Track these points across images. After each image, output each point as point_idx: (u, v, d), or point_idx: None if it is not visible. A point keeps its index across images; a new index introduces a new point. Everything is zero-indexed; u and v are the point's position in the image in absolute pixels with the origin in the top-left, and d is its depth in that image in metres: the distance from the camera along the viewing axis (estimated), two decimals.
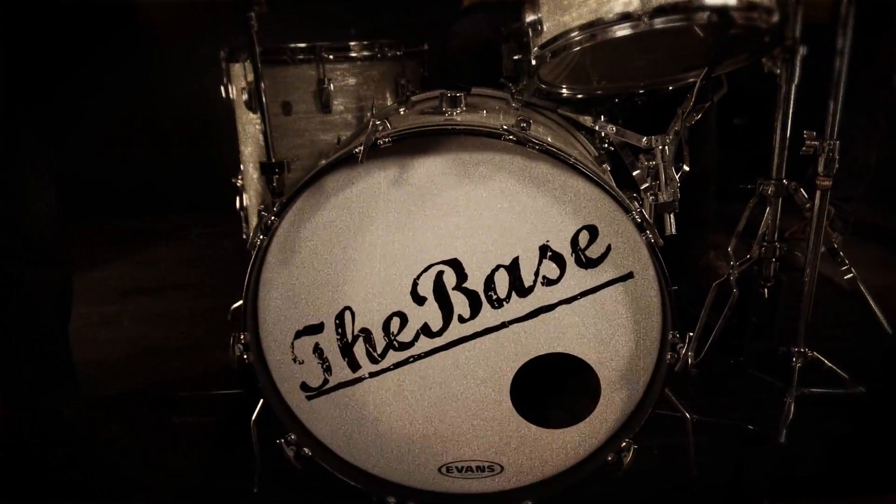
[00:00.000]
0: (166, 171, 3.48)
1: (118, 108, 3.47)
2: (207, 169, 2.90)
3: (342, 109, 1.89)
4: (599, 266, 1.34)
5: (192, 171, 3.34)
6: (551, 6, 1.40)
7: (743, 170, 2.61)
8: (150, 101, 3.43)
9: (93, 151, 3.55)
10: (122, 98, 3.44)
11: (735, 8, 1.31)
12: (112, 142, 3.52)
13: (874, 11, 2.13)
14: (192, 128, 3.33)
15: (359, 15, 3.03)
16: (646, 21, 1.28)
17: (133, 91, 3.42)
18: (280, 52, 1.87)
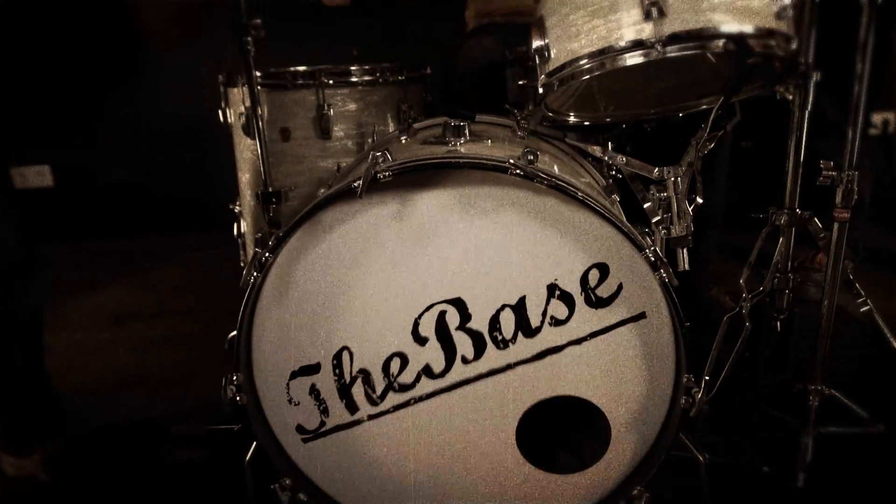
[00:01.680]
0: (165, 191, 3.43)
1: (117, 126, 3.43)
2: (207, 189, 2.86)
3: (342, 135, 1.84)
4: (610, 306, 1.28)
5: (192, 192, 3.29)
6: (559, 32, 1.34)
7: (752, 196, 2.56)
8: (150, 120, 3.40)
9: (90, 170, 3.51)
10: (120, 117, 3.41)
11: (752, 35, 1.25)
12: (110, 161, 3.48)
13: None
14: (191, 148, 3.28)
15: (361, 36, 2.99)
16: (659, 49, 1.22)
17: (132, 110, 3.39)
18: (279, 77, 1.82)
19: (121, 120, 3.38)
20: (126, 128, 3.39)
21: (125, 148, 3.43)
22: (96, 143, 3.43)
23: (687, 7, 1.22)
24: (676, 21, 1.22)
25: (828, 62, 1.66)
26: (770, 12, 1.28)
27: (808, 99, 1.76)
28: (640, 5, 1.23)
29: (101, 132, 3.41)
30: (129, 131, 3.40)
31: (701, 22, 1.22)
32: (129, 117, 3.38)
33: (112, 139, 3.41)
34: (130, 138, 3.40)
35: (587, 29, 1.28)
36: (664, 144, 1.85)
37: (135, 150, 3.42)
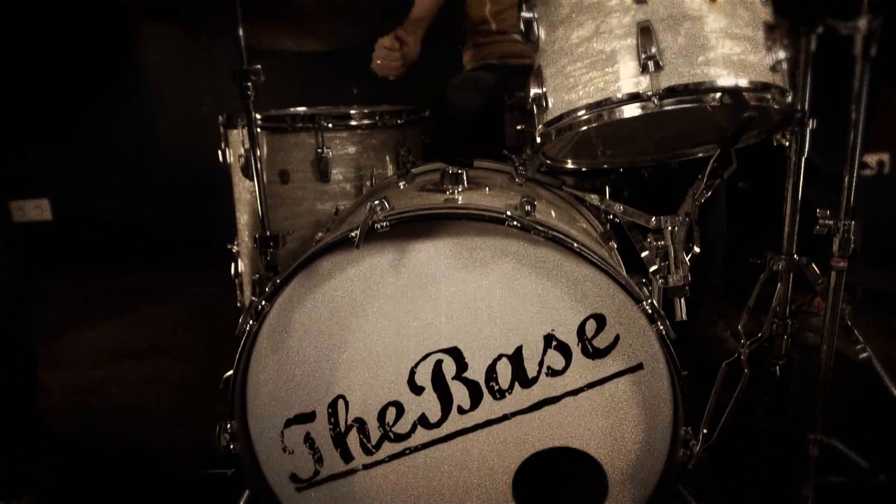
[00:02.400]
0: (163, 228, 3.43)
1: (116, 162, 3.44)
2: (205, 226, 2.86)
3: (341, 178, 1.84)
4: (607, 357, 1.28)
5: (190, 229, 3.29)
6: (557, 83, 1.35)
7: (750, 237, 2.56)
8: (149, 156, 3.41)
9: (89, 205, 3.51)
10: (120, 152, 3.43)
11: (748, 89, 1.26)
12: (109, 196, 3.48)
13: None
14: (190, 185, 3.29)
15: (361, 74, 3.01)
16: (655, 102, 1.23)
17: (132, 146, 3.40)
18: (278, 120, 1.83)
19: (120, 156, 3.40)
20: (125, 164, 3.41)
21: (124, 184, 3.44)
22: (96, 178, 3.44)
23: (683, 61, 1.24)
24: (673, 74, 1.24)
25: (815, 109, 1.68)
26: (765, 66, 1.29)
27: (804, 145, 1.78)
28: (636, 58, 1.24)
29: (100, 167, 3.42)
30: (128, 167, 3.41)
31: (697, 76, 1.24)
32: (129, 153, 3.39)
33: (111, 175, 3.42)
34: (130, 174, 3.42)
35: (585, 80, 1.29)
36: (661, 190, 1.86)
37: (134, 186, 3.43)
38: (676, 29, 1.24)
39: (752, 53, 1.27)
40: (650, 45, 1.23)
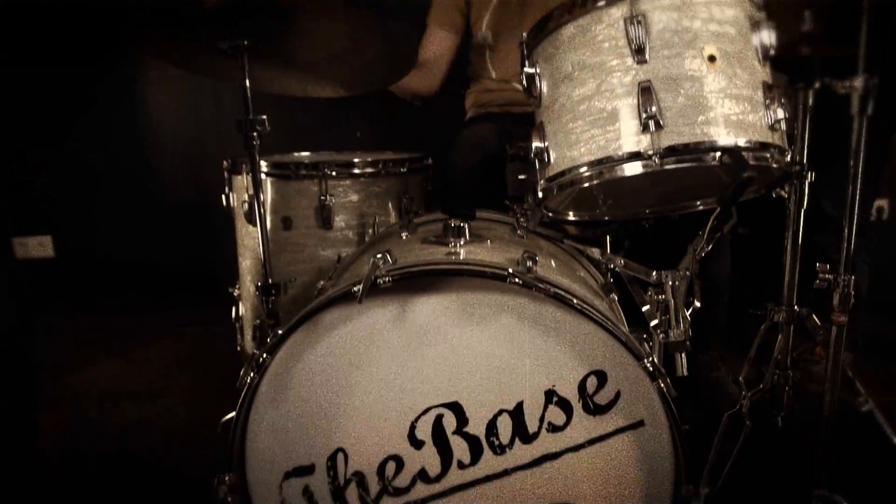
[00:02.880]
0: (165, 267, 3.43)
1: (120, 200, 3.46)
2: (207, 266, 2.87)
3: (343, 226, 1.86)
4: (608, 413, 1.27)
5: (192, 268, 3.30)
6: (559, 139, 1.37)
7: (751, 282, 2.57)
8: (153, 195, 3.43)
9: (92, 243, 3.53)
10: (124, 191, 3.45)
11: (747, 149, 1.28)
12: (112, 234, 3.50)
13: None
14: (193, 224, 3.30)
15: (364, 119, 3.06)
16: (656, 161, 1.24)
17: (135, 184, 3.43)
18: (283, 167, 1.85)
19: (124, 193, 3.42)
20: (129, 202, 3.43)
21: (127, 222, 3.45)
22: (98, 216, 3.46)
23: (683, 120, 1.26)
24: (673, 134, 1.25)
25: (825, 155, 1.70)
26: (764, 125, 1.31)
27: (803, 197, 1.80)
28: (637, 117, 1.26)
29: (103, 205, 3.44)
30: (131, 205, 3.43)
31: (697, 135, 1.25)
32: (133, 191, 3.42)
33: (114, 212, 3.44)
34: (133, 212, 3.44)
35: (586, 138, 1.31)
36: (662, 240, 1.88)
37: (137, 224, 3.45)
38: (676, 89, 1.26)
39: (750, 113, 1.29)
40: (651, 104, 1.25)
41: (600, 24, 1.31)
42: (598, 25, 1.31)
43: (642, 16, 1.27)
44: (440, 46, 2.42)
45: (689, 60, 1.27)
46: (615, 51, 1.29)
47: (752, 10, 1.35)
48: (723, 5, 1.31)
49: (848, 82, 1.48)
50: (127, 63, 3.26)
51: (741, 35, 1.32)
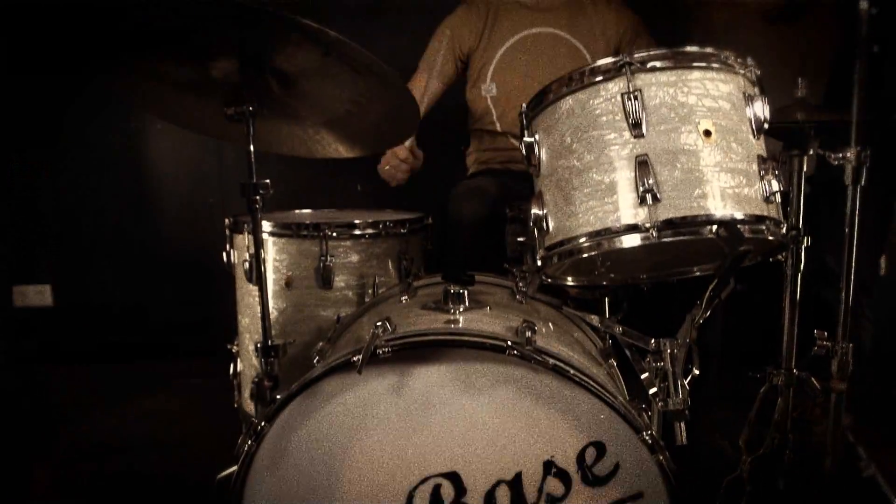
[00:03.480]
0: (165, 318, 3.43)
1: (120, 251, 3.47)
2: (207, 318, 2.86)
3: (343, 286, 1.87)
4: (607, 485, 1.27)
5: (192, 319, 3.29)
6: (558, 209, 1.39)
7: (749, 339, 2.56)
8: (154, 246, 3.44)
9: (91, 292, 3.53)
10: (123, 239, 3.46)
11: (743, 222, 1.30)
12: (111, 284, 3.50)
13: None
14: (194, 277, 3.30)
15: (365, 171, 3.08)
16: (654, 235, 1.26)
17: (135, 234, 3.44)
18: (285, 228, 1.87)
19: (124, 243, 3.44)
20: (129, 252, 3.44)
21: (127, 272, 3.46)
22: (98, 265, 3.47)
23: (680, 194, 1.28)
24: (670, 207, 1.27)
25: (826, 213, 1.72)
26: (759, 198, 1.33)
27: (800, 261, 1.82)
28: (635, 190, 1.28)
29: (103, 255, 3.45)
30: (131, 255, 3.44)
31: (694, 209, 1.27)
32: (133, 241, 3.43)
33: (114, 262, 3.45)
34: (133, 263, 3.44)
35: (584, 209, 1.33)
36: (660, 302, 1.89)
37: (137, 274, 3.46)
38: (673, 163, 1.28)
39: (746, 186, 1.32)
40: (648, 178, 1.27)
41: (598, 98, 1.34)
42: (595, 99, 1.34)
43: (639, 91, 1.30)
44: (431, 93, 2.44)
45: (685, 135, 1.29)
46: (613, 124, 1.32)
47: (745, 85, 1.39)
48: (717, 81, 1.34)
49: (841, 153, 1.51)
50: (131, 116, 3.31)
51: (735, 109, 1.35)
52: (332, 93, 1.61)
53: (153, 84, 1.66)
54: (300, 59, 1.50)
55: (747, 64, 1.38)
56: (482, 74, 2.43)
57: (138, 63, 1.57)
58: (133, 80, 1.67)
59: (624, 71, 1.31)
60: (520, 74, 2.39)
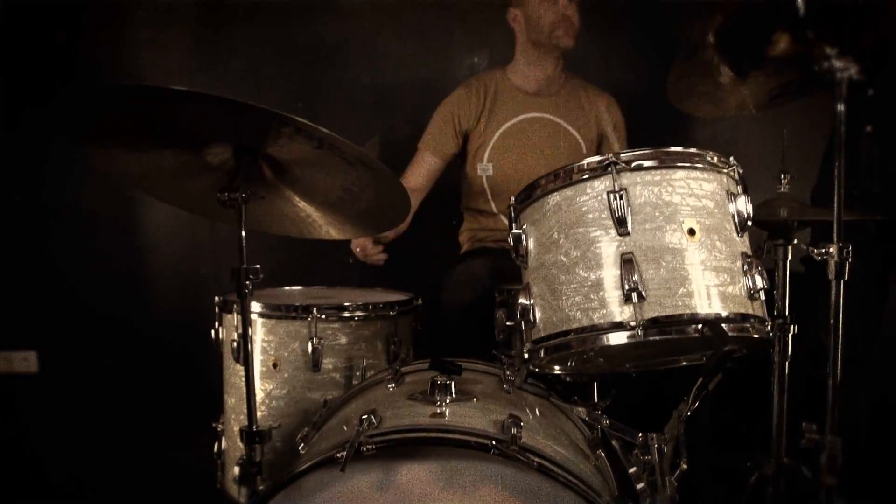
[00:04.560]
0: (150, 387, 3.38)
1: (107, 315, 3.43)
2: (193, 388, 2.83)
3: (331, 368, 1.86)
4: None
5: (178, 388, 3.24)
6: (545, 303, 1.40)
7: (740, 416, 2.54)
8: (142, 313, 3.41)
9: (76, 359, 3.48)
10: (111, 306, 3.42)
11: (728, 320, 1.31)
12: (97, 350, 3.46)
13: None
14: (182, 345, 3.26)
15: None
16: (639, 333, 1.27)
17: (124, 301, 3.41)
18: (274, 309, 1.87)
19: (113, 312, 3.40)
20: (117, 319, 3.41)
21: (114, 340, 3.42)
22: (85, 332, 3.43)
23: (665, 292, 1.29)
24: (656, 305, 1.29)
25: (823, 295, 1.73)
26: (743, 296, 1.35)
27: (787, 349, 1.82)
28: (620, 288, 1.30)
29: (91, 322, 3.42)
30: (119, 323, 3.41)
31: (679, 307, 1.29)
32: (122, 308, 3.40)
33: (102, 330, 3.41)
34: (121, 330, 3.41)
35: (571, 304, 1.34)
36: (649, 387, 1.89)
37: (124, 342, 3.42)
38: (658, 261, 1.30)
39: (730, 285, 1.33)
40: (633, 276, 1.29)
41: (584, 195, 1.37)
42: (582, 196, 1.37)
43: (624, 190, 1.33)
44: (430, 172, 2.51)
45: (670, 234, 1.32)
46: (599, 222, 1.34)
47: (729, 183, 1.42)
48: (701, 180, 1.37)
49: (824, 249, 1.54)
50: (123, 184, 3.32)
51: (719, 208, 1.38)
52: (324, 180, 1.64)
53: (146, 167, 1.69)
54: (293, 150, 1.53)
55: (730, 163, 1.42)
56: (479, 154, 2.49)
57: (132, 148, 1.60)
58: (126, 164, 1.70)
59: (610, 170, 1.34)
60: (516, 156, 2.45)
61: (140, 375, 3.41)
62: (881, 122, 2.02)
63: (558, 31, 2.37)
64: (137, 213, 3.43)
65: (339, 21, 2.99)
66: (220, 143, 1.58)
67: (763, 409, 1.92)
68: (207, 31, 3.07)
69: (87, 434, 3.31)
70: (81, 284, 3.41)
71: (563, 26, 2.36)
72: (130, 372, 3.43)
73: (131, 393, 3.41)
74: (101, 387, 3.43)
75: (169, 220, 3.43)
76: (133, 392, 3.40)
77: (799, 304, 1.86)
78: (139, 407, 3.36)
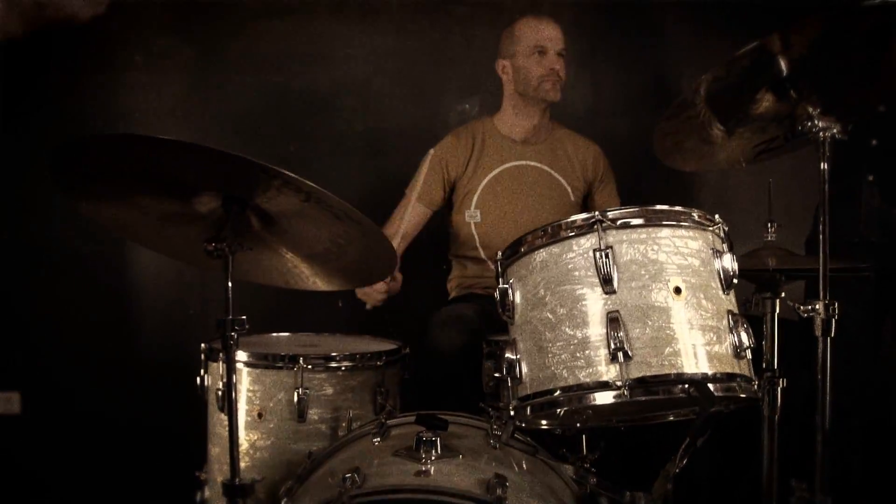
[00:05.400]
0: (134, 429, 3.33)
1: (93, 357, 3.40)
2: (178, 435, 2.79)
3: (317, 419, 1.84)
4: None
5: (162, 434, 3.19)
6: (531, 359, 1.40)
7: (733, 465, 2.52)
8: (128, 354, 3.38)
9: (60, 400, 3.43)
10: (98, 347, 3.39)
11: (714, 380, 1.31)
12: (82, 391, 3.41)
13: None
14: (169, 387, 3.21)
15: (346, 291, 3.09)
16: (626, 393, 1.27)
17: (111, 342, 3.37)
18: (260, 358, 1.86)
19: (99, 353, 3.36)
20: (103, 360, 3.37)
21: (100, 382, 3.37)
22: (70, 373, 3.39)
23: (651, 351, 1.29)
24: (642, 364, 1.29)
25: None
26: (730, 355, 1.35)
27: (776, 403, 1.82)
28: (607, 346, 1.30)
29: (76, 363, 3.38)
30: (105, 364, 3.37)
31: (665, 367, 1.29)
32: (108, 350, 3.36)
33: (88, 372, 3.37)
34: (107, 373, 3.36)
35: (556, 362, 1.34)
36: (638, 440, 1.87)
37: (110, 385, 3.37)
38: (644, 320, 1.30)
39: (717, 344, 1.33)
40: (619, 334, 1.29)
41: (571, 252, 1.37)
42: (568, 254, 1.37)
43: (610, 248, 1.33)
44: (417, 219, 2.52)
45: (656, 292, 1.32)
46: (585, 279, 1.35)
47: (714, 240, 1.43)
48: (686, 238, 1.38)
49: (810, 305, 1.54)
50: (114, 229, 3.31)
51: (705, 266, 1.38)
52: (311, 232, 1.64)
53: (134, 214, 1.68)
54: (281, 202, 1.53)
55: (715, 221, 1.43)
56: (467, 201, 2.50)
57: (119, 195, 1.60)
58: (113, 211, 1.70)
59: (596, 227, 1.35)
60: (504, 203, 2.47)
61: (125, 418, 3.36)
62: (883, 172, 2.04)
63: (546, 84, 2.40)
64: (124, 251, 3.41)
65: (333, 68, 3.02)
66: (208, 192, 1.58)
67: (753, 462, 1.91)
68: (202, 75, 3.10)
69: (69, 477, 3.25)
70: (66, 324, 3.37)
71: (550, 80, 2.40)
72: (115, 415, 3.38)
73: (115, 436, 3.36)
74: (85, 428, 3.37)
75: (157, 258, 3.39)
76: (117, 435, 3.35)
77: (794, 347, 1.86)
78: (123, 451, 3.31)
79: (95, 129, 3.09)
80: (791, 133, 1.58)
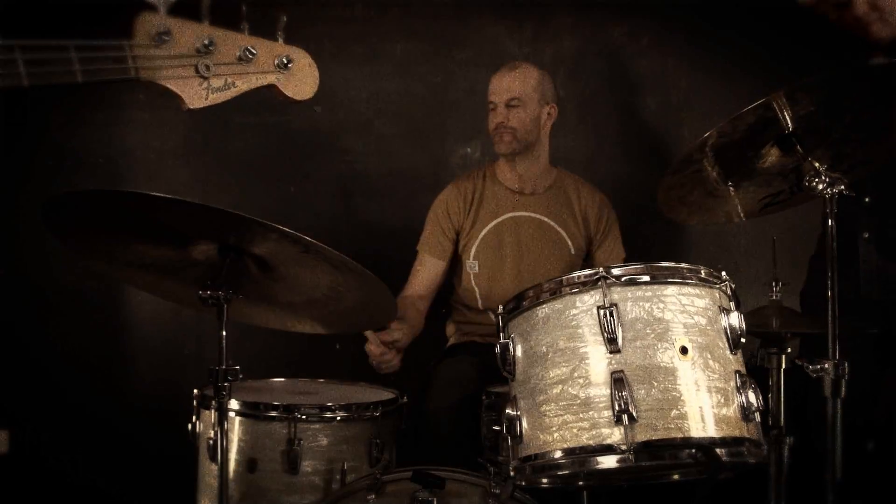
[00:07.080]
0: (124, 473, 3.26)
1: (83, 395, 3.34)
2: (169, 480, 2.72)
3: (310, 471, 1.78)
4: None
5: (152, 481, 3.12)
6: (532, 418, 1.36)
7: None
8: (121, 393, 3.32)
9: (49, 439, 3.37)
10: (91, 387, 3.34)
11: (721, 444, 1.26)
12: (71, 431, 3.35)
13: None
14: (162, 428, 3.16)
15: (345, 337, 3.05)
16: (631, 458, 1.22)
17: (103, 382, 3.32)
18: (253, 408, 1.81)
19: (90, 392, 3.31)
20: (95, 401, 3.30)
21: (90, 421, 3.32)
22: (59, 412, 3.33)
23: (657, 414, 1.25)
24: (648, 428, 1.25)
25: None
26: (738, 418, 1.31)
27: (783, 462, 1.77)
28: (611, 408, 1.26)
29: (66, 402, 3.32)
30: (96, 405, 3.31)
31: (671, 430, 1.25)
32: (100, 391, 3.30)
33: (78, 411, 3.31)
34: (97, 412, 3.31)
35: (559, 422, 1.30)
36: (640, 499, 1.83)
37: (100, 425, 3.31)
38: (650, 381, 1.27)
39: (724, 406, 1.30)
40: (624, 395, 1.25)
41: (574, 309, 1.34)
42: (572, 310, 1.34)
43: (614, 306, 1.30)
44: (434, 274, 2.48)
45: (662, 352, 1.28)
46: (589, 337, 1.31)
47: (721, 298, 1.40)
48: (692, 296, 1.35)
49: (819, 365, 1.51)
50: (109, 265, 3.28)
51: (712, 324, 1.35)
52: (309, 280, 1.62)
53: (130, 260, 1.66)
54: (279, 251, 1.51)
55: (722, 278, 1.40)
56: (466, 251, 2.47)
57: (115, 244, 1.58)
58: (109, 257, 1.67)
59: (600, 284, 1.32)
60: (502, 255, 2.44)
61: (115, 459, 3.30)
62: (878, 229, 2.02)
63: (495, 138, 2.40)
64: (119, 289, 3.38)
65: (334, 110, 3.01)
66: (205, 241, 1.56)
67: None
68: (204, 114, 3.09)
69: None
70: (59, 361, 3.32)
71: (498, 133, 2.39)
72: (105, 455, 3.32)
73: (105, 477, 3.29)
74: (74, 468, 3.31)
75: (152, 297, 3.36)
76: (107, 477, 3.28)
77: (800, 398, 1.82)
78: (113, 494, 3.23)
79: (97, 165, 3.08)
80: (797, 188, 1.56)
